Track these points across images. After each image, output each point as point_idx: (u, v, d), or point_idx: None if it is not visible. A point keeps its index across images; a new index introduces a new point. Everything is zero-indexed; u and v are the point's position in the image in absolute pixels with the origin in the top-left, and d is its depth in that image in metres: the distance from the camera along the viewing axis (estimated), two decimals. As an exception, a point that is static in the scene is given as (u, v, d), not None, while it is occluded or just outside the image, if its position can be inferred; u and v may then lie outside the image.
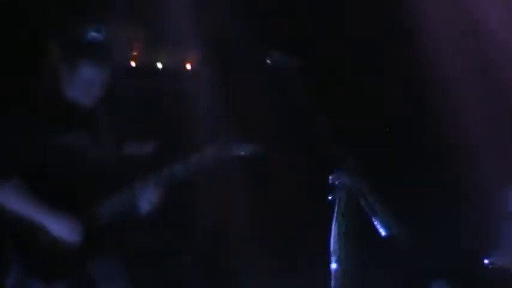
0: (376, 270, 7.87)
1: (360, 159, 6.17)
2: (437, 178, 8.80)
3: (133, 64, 8.51)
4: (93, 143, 6.06)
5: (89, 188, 6.02)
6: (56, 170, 5.98)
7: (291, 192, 8.33)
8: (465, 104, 8.61)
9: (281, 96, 7.29)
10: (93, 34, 6.79)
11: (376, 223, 6.01)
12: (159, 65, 8.71)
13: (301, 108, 6.71)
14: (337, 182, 6.07)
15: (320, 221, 6.19)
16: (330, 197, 6.07)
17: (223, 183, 7.94)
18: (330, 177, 6.07)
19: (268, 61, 7.08)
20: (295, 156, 8.25)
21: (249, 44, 8.30)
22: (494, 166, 8.45)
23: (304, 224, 8.14)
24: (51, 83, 6.14)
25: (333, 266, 6.11)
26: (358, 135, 8.16)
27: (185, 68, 8.77)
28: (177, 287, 8.37)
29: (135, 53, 8.59)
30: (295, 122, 7.42)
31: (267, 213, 8.34)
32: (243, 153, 6.39)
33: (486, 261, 8.00)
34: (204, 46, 8.63)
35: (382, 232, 6.01)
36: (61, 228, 5.96)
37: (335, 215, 6.03)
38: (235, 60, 8.60)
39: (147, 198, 6.04)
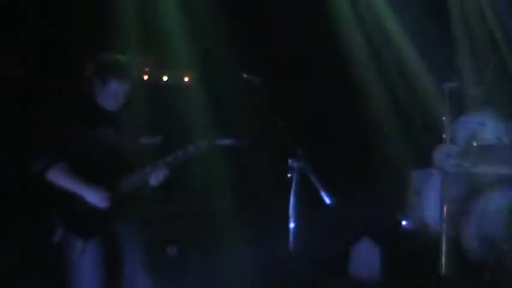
0: (320, 229, 8.24)
1: (308, 149, 6.97)
2: (366, 161, 9.54)
3: (145, 77, 9.23)
4: (117, 137, 6.85)
5: (114, 169, 6.83)
6: (90, 155, 6.79)
7: (260, 172, 8.92)
8: (382, 103, 9.46)
9: (252, 104, 8.21)
10: (119, 57, 7.31)
11: (321, 194, 6.84)
12: (165, 78, 9.37)
13: (266, 113, 7.54)
14: (293, 165, 6.96)
15: (282, 193, 7.00)
16: (289, 175, 6.96)
17: (208, 166, 8.35)
18: (289, 161, 6.95)
19: (244, 75, 8.31)
20: (263, 147, 8.53)
21: (229, 66, 8.87)
22: (404, 153, 9.27)
23: (271, 195, 8.33)
24: (88, 92, 6.88)
25: (291, 225, 7.03)
26: (306, 132, 8.35)
27: (184, 81, 9.37)
28: (179, 243, 8.76)
29: (147, 70, 9.23)
30: (263, 122, 7.89)
31: (243, 187, 8.97)
32: (224, 144, 7.09)
33: (404, 222, 9.09)
34: (197, 66, 9.21)
35: (326, 200, 6.77)
36: (93, 198, 6.71)
37: (292, 188, 6.93)
38: (219, 77, 9.08)
39: (156, 177, 6.82)
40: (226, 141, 7.20)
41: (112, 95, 6.90)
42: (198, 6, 9.20)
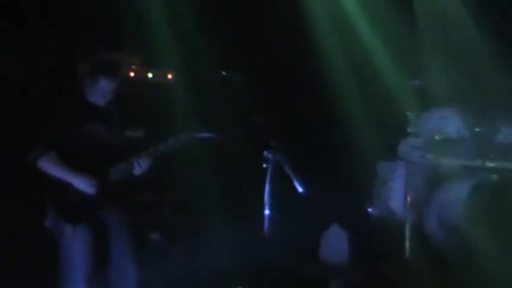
0: (293, 216, 8.42)
1: (282, 142, 7.30)
2: (337, 153, 9.44)
3: (132, 75, 9.29)
4: (105, 130, 7.11)
5: (102, 159, 7.07)
6: (80, 146, 7.02)
7: (237, 163, 8.96)
8: (352, 99, 9.40)
9: (231, 100, 8.74)
10: (108, 57, 7.57)
11: (294, 183, 7.18)
12: (150, 76, 9.43)
13: (244, 108, 8.14)
14: (268, 157, 7.26)
15: (258, 182, 7.39)
16: (264, 166, 7.28)
17: (189, 157, 8.31)
18: (264, 153, 7.25)
19: (223, 73, 8.31)
20: (241, 139, 8.66)
21: (209, 64, 8.90)
22: (372, 145, 9.25)
23: (247, 184, 8.58)
24: (79, 90, 7.16)
25: (266, 212, 7.32)
26: (281, 126, 8.33)
27: (168, 78, 9.47)
28: (163, 226, 8.99)
29: (134, 68, 9.31)
30: (241, 117, 8.47)
31: (221, 177, 9.01)
32: (203, 137, 7.40)
33: (370, 210, 9.23)
34: (180, 64, 9.31)
35: (299, 189, 7.14)
36: (81, 184, 6.95)
37: (268, 178, 7.25)
38: (201, 74, 9.20)
39: (140, 167, 7.06)
40: (205, 135, 7.45)
41: (101, 91, 7.12)
42: (181, 7, 9.24)
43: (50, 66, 8.65)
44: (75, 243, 6.96)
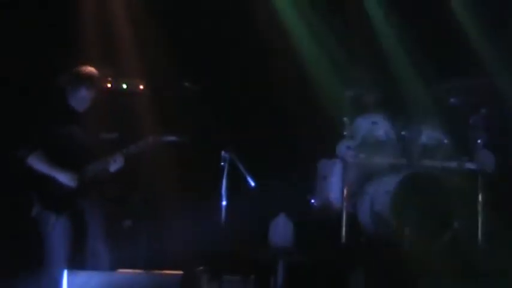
0: (246, 206, 8.52)
1: (236, 143, 8.09)
2: (283, 153, 9.66)
3: (108, 85, 9.20)
4: (83, 132, 7.54)
5: (80, 157, 7.44)
6: (62, 146, 7.41)
7: (198, 162, 9.05)
8: (297, 106, 9.63)
9: (192, 107, 8.95)
10: (87, 69, 7.84)
11: (247, 179, 7.94)
12: (124, 86, 9.44)
13: (204, 115, 8.65)
14: (225, 156, 7.97)
15: (216, 178, 8.09)
16: (221, 164, 7.98)
17: (156, 157, 8.44)
18: (222, 153, 7.96)
19: (186, 84, 8.30)
20: (201, 141, 8.82)
21: (174, 75, 9.07)
22: (313, 146, 9.59)
23: (207, 180, 8.66)
24: (61, 97, 7.58)
25: (223, 203, 8.03)
26: (235, 130, 8.98)
27: (139, 88, 9.46)
28: (133, 215, 8.93)
29: (109, 79, 9.19)
30: (202, 122, 8.76)
31: (184, 174, 9.15)
32: (168, 140, 7.85)
33: (312, 201, 9.45)
34: (149, 76, 9.32)
35: (251, 184, 7.92)
36: (64, 179, 7.33)
37: (224, 174, 7.95)
38: (167, 85, 9.30)
39: (114, 164, 7.49)
40: (170, 138, 7.89)
41: (81, 99, 7.56)
42: (149, 26, 9.36)
43: (37, 75, 8.76)
44: (57, 230, 7.28)
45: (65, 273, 7.14)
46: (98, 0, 9.43)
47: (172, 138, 7.96)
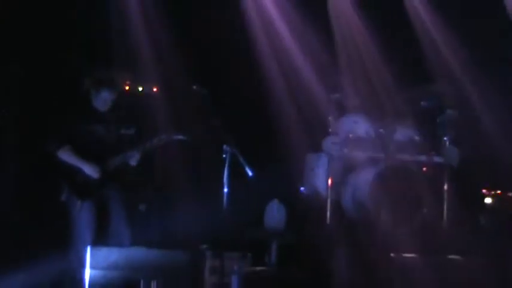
0: (244, 193, 8.43)
1: (236, 138, 8.12)
2: (278, 147, 9.53)
3: (126, 88, 9.49)
4: (106, 129, 7.95)
5: (102, 151, 7.89)
6: (86, 141, 7.86)
7: (204, 155, 9.07)
8: (290, 107, 9.73)
9: (198, 107, 8.82)
10: (108, 73, 8.30)
11: (245, 169, 8.00)
12: (140, 89, 9.72)
13: (209, 113, 8.39)
14: (226, 149, 8.06)
15: (219, 168, 8.11)
16: (223, 156, 8.04)
17: (167, 151, 8.64)
18: (224, 147, 8.04)
19: (194, 87, 8.42)
20: (206, 136, 8.70)
21: (183, 80, 9.16)
22: (303, 141, 9.57)
23: (211, 170, 8.65)
24: (86, 98, 8.00)
25: (225, 190, 8.09)
26: (235, 127, 8.52)
27: (154, 91, 9.75)
28: (146, 202, 9.28)
29: (128, 83, 9.52)
30: (207, 120, 8.47)
31: (192, 165, 9.30)
32: (178, 138, 8.21)
33: (302, 189, 9.73)
34: (163, 80, 9.56)
35: (249, 173, 7.99)
36: (89, 170, 7.78)
37: (226, 165, 8.06)
38: (179, 88, 9.40)
39: (133, 158, 7.90)
40: (180, 136, 8.26)
41: (103, 100, 7.98)
42: (162, 37, 9.41)
43: (64, 80, 8.99)
44: (82, 213, 7.78)
45: (89, 249, 7.56)
46: (119, 15, 9.43)
47: (180, 136, 8.28)
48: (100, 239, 7.99)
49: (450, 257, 8.08)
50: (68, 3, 9.41)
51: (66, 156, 7.85)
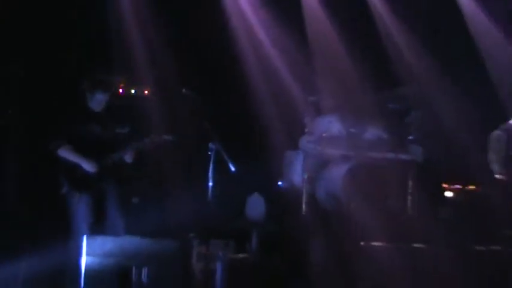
0: (228, 187, 8.82)
1: (221, 137, 8.44)
2: (258, 145, 9.77)
3: (120, 91, 9.75)
4: (102, 128, 8.12)
5: (101, 149, 8.05)
6: (84, 140, 8.01)
7: (191, 152, 9.26)
8: (269, 108, 9.81)
9: (187, 109, 9.22)
10: (103, 76, 8.45)
11: (229, 165, 8.35)
12: (133, 91, 9.92)
13: (197, 114, 8.78)
14: (212, 147, 8.41)
15: (205, 164, 8.53)
16: (209, 153, 8.41)
17: (160, 151, 8.72)
18: (209, 145, 8.38)
19: (184, 90, 8.71)
20: (194, 135, 8.99)
21: (173, 83, 9.36)
22: (282, 139, 9.71)
23: (198, 165, 8.99)
24: (82, 100, 8.15)
25: (210, 184, 8.46)
26: (220, 127, 8.73)
27: (145, 93, 9.96)
28: (139, 195, 9.50)
29: (122, 85, 9.72)
30: (195, 120, 8.92)
31: (181, 162, 9.37)
32: (167, 138, 8.36)
33: (280, 183, 9.93)
34: (154, 83, 9.76)
35: (232, 168, 8.33)
36: (87, 166, 7.96)
37: (211, 161, 8.43)
38: (169, 91, 9.55)
39: (128, 155, 8.09)
40: (169, 137, 8.42)
41: (97, 102, 8.16)
42: (154, 44, 9.53)
43: (63, 81, 9.17)
44: (80, 205, 7.96)
45: (85, 238, 7.62)
46: (117, 22, 9.41)
47: (169, 137, 8.45)
48: (96, 229, 8.09)
49: (415, 245, 8.19)
50: (67, 5, 9.46)
51: (66, 153, 8.04)
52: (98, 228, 8.12)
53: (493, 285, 7.83)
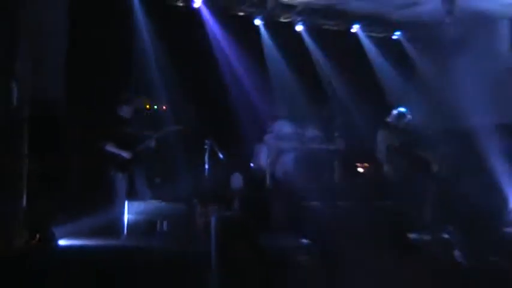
0: (218, 170, 9.42)
1: (214, 134, 9.30)
2: (237, 142, 10.27)
3: (147, 106, 10.21)
4: (132, 130, 8.95)
5: (131, 143, 8.85)
6: (121, 138, 8.83)
7: (192, 145, 9.60)
8: (240, 112, 10.35)
9: (191, 116, 9.92)
10: (131, 95, 9.18)
11: (219, 155, 9.27)
12: (155, 107, 10.37)
13: (197, 119, 9.72)
14: (207, 142, 9.29)
15: (202, 155, 9.29)
16: (205, 147, 9.27)
17: (171, 141, 9.36)
18: (205, 141, 9.28)
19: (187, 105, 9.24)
20: (195, 133, 9.48)
21: (181, 100, 9.87)
22: (250, 137, 10.38)
23: (197, 155, 9.42)
24: (117, 112, 8.93)
25: (206, 166, 9.17)
26: (214, 127, 9.68)
27: (163, 108, 10.38)
28: (159, 175, 9.90)
29: (147, 102, 10.19)
30: (196, 123, 9.67)
31: (185, 151, 9.78)
32: (179, 127, 9.17)
33: (252, 165, 10.34)
34: (169, 102, 10.15)
35: (221, 157, 9.22)
36: (124, 155, 8.81)
37: (207, 151, 9.26)
38: (178, 106, 9.99)
39: (152, 142, 8.92)
40: (179, 127, 9.17)
41: (124, 111, 9.00)
42: (168, 74, 9.91)
43: (107, 102, 9.39)
44: (122, 182, 8.87)
45: (126, 203, 8.69)
46: (138, 65, 9.88)
47: (179, 127, 9.18)
48: (132, 197, 8.91)
49: (338, 203, 8.82)
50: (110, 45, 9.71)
51: (111, 147, 8.85)
52: (133, 196, 8.86)
53: (388, 229, 7.92)
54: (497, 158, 9.98)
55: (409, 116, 9.96)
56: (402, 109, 10.06)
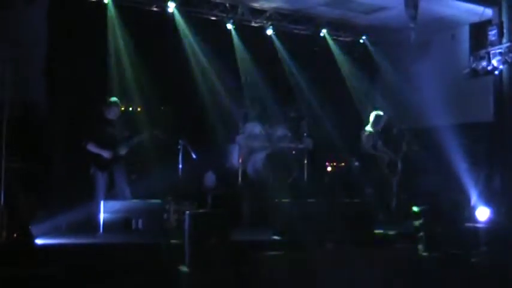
0: (192, 168, 9.16)
1: (187, 135, 9.03)
2: (210, 140, 10.07)
3: (122, 108, 9.27)
4: (114, 131, 8.75)
5: (113, 144, 8.63)
6: (103, 138, 8.61)
7: (168, 145, 9.16)
8: (216, 113, 10.22)
9: (165, 118, 9.92)
10: (115, 99, 8.86)
11: (192, 154, 8.94)
12: (130, 108, 10.05)
13: (171, 121, 9.60)
14: (180, 142, 8.98)
15: (175, 155, 8.96)
16: (179, 147, 8.98)
17: (149, 143, 9.02)
18: (179, 141, 9.02)
19: (161, 108, 9.23)
20: (169, 135, 9.10)
21: (156, 102, 9.71)
22: (223, 138, 10.34)
23: (172, 154, 9.08)
24: (102, 113, 8.69)
25: (180, 166, 8.79)
26: (188, 129, 9.45)
27: (138, 110, 10.09)
28: (136, 173, 9.48)
29: (123, 105, 9.29)
30: (170, 125, 9.44)
31: (161, 150, 9.33)
32: (157, 133, 8.86)
33: (225, 164, 10.42)
34: (143, 103, 9.86)
35: (194, 156, 8.91)
36: (105, 154, 8.54)
37: (180, 151, 8.91)
38: (152, 107, 9.78)
39: (127, 147, 8.67)
40: (157, 132, 8.80)
41: (112, 113, 8.81)
42: (144, 74, 9.82)
43: (90, 104, 9.16)
44: (101, 180, 8.63)
45: (102, 202, 8.31)
46: (117, 66, 9.83)
47: (157, 132, 8.91)
48: (111, 195, 8.68)
49: (308, 200, 8.59)
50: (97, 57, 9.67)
51: (92, 147, 8.65)
52: (112, 194, 8.64)
53: (355, 223, 7.93)
54: (458, 157, 10.07)
55: (385, 117, 10.13)
56: (379, 112, 10.23)
